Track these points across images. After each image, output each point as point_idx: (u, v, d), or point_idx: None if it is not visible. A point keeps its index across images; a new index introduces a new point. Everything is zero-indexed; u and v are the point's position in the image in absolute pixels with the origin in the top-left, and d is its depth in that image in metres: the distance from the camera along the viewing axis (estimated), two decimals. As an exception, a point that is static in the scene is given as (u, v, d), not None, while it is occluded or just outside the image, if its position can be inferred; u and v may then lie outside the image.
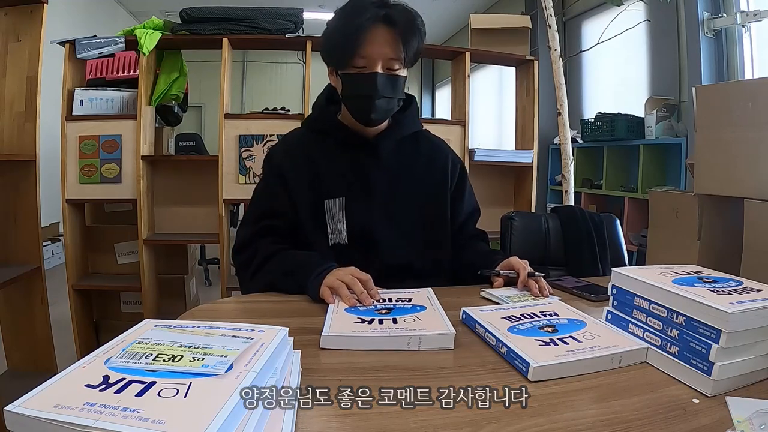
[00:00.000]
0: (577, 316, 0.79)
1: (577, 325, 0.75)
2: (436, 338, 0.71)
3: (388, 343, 0.70)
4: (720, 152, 1.96)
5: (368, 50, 1.00)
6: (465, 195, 1.22)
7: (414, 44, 1.03)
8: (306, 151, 1.11)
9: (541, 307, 0.84)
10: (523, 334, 0.71)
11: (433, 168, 1.18)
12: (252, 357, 0.49)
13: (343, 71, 1.04)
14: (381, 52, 1.00)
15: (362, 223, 1.08)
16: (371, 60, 1.01)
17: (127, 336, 0.54)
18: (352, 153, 1.11)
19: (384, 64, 1.02)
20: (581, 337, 0.70)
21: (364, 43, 1.00)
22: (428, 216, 1.14)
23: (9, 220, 1.81)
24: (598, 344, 0.67)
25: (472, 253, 1.17)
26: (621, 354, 0.66)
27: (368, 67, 1.01)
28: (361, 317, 0.78)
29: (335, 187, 1.08)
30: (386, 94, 1.03)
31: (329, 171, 1.09)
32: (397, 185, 1.12)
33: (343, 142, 1.11)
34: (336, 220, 1.08)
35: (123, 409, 0.40)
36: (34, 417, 0.39)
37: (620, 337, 0.70)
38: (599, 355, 0.65)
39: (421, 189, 1.15)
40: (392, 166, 1.13)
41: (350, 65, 1.02)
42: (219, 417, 0.39)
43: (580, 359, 0.64)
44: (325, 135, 1.13)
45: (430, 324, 0.75)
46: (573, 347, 0.67)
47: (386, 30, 1.00)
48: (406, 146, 1.16)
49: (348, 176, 1.10)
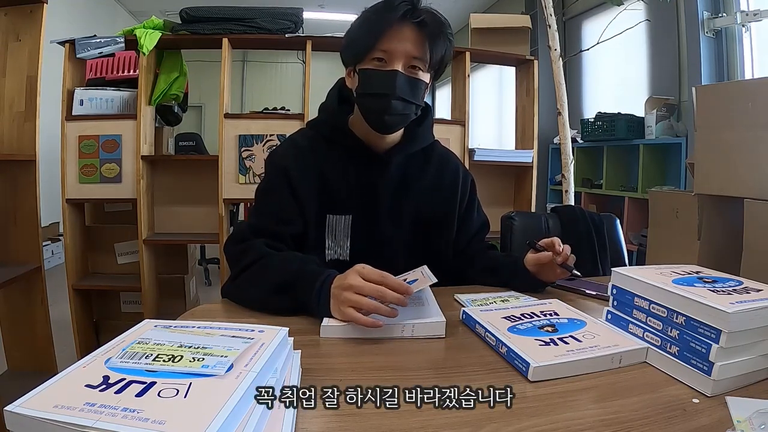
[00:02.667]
0: (577, 315, 0.79)
1: (577, 324, 0.75)
2: (429, 326, 0.73)
3: (382, 331, 0.73)
4: (720, 152, 1.95)
5: (391, 45, 0.94)
6: (474, 212, 1.19)
7: (440, 50, 0.97)
8: (313, 156, 1.04)
9: (541, 306, 0.83)
10: (523, 334, 0.71)
11: (442, 185, 1.13)
12: (252, 357, 0.49)
13: (361, 66, 0.97)
14: (404, 48, 0.94)
15: (368, 242, 1.03)
16: (392, 55, 0.94)
17: (127, 336, 0.54)
18: (361, 166, 1.04)
19: (406, 63, 0.95)
20: (581, 336, 0.70)
21: (388, 37, 0.94)
22: (432, 234, 1.11)
23: (9, 220, 1.81)
24: (598, 344, 0.67)
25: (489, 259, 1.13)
26: (621, 354, 0.66)
27: (388, 62, 0.95)
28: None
29: (342, 202, 1.02)
30: (404, 95, 0.96)
31: (336, 184, 1.02)
32: (405, 203, 1.07)
33: (351, 153, 1.04)
34: (339, 237, 1.02)
35: (123, 409, 0.40)
36: (34, 417, 0.39)
37: (620, 337, 0.70)
38: (599, 354, 0.65)
39: (428, 207, 1.10)
40: (400, 183, 1.07)
41: (369, 58, 0.95)
42: (219, 417, 0.39)
43: (580, 359, 0.64)
44: (332, 142, 1.05)
45: (423, 312, 0.78)
46: (573, 347, 0.67)
47: (413, 29, 0.95)
48: (415, 161, 1.10)
49: (356, 192, 1.03)
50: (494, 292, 1.00)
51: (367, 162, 1.04)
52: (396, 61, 0.94)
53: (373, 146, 1.04)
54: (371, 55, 0.95)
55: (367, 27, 0.97)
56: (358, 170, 1.04)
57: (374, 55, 0.95)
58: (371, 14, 0.97)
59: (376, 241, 1.04)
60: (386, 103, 0.95)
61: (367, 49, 0.95)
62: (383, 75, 0.95)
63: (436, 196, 1.11)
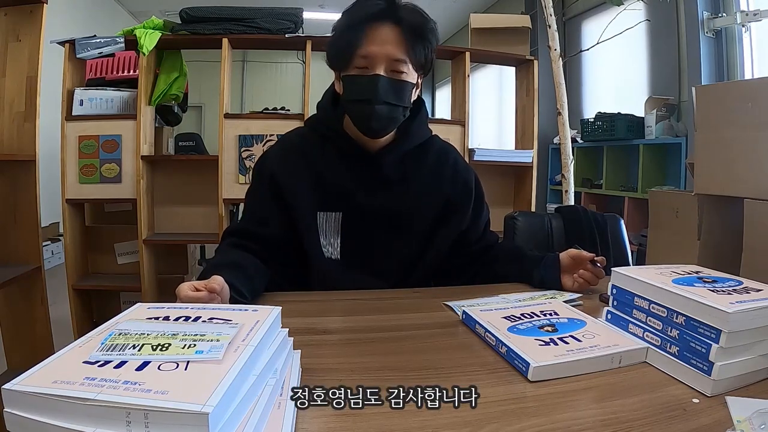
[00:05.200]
0: (577, 315, 0.79)
1: (578, 324, 0.74)
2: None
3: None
4: (720, 152, 1.95)
5: (370, 49, 0.92)
6: (484, 209, 1.16)
7: (423, 47, 0.95)
8: (305, 155, 1.04)
9: (541, 306, 0.83)
10: (523, 334, 0.70)
11: (442, 181, 1.09)
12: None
13: (345, 73, 0.96)
14: (384, 52, 0.92)
15: (357, 242, 1.02)
16: (373, 60, 0.92)
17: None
18: (353, 165, 1.03)
19: (388, 66, 0.93)
20: (581, 336, 0.70)
21: (366, 42, 0.92)
22: (432, 232, 1.08)
23: (9, 220, 1.81)
24: (598, 344, 0.67)
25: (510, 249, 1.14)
26: (621, 354, 0.65)
27: (370, 68, 0.93)
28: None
29: (332, 199, 1.02)
30: (388, 99, 0.94)
31: (328, 181, 1.02)
32: (398, 203, 1.05)
33: (345, 152, 1.03)
34: (329, 235, 1.02)
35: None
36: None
37: (620, 337, 0.70)
38: (599, 354, 0.65)
39: (424, 206, 1.07)
40: (395, 182, 1.05)
41: (352, 66, 0.94)
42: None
43: (579, 359, 0.64)
44: (327, 140, 1.05)
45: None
46: (573, 347, 0.66)
47: (391, 28, 0.93)
48: (411, 158, 1.07)
49: (347, 190, 1.02)
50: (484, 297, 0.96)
51: (360, 161, 1.03)
52: (378, 66, 0.93)
53: (367, 146, 1.03)
54: (353, 62, 0.94)
55: (346, 32, 0.95)
56: (351, 169, 1.03)
57: (355, 62, 0.94)
58: (347, 18, 0.96)
59: (366, 240, 1.03)
60: (371, 110, 0.94)
61: (348, 55, 0.94)
62: (365, 81, 0.94)
63: (436, 193, 1.08)
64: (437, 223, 1.09)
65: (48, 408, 0.38)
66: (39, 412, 0.38)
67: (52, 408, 0.38)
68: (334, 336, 0.74)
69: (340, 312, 0.92)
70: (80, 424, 0.37)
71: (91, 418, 0.37)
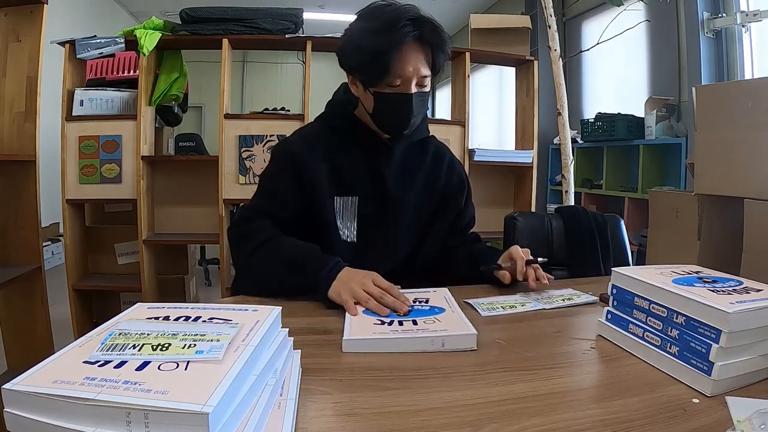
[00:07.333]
0: (445, 304, 0.84)
1: (435, 311, 0.81)
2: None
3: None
4: (720, 152, 1.95)
5: (404, 70, 0.98)
6: (470, 206, 1.26)
7: (443, 58, 1.03)
8: (323, 145, 1.10)
9: (427, 295, 0.89)
10: (367, 314, 0.80)
11: (438, 175, 1.19)
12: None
13: (376, 89, 1.01)
14: (416, 70, 0.99)
15: (373, 224, 1.09)
16: (406, 80, 0.99)
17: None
18: (368, 152, 1.11)
19: (417, 82, 1.01)
20: (423, 321, 0.76)
21: (400, 63, 0.97)
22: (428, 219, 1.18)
23: (9, 220, 1.81)
24: (429, 328, 0.73)
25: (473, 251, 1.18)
26: (443, 338, 0.70)
27: (402, 85, 1.00)
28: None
29: (349, 185, 1.08)
30: (419, 112, 1.04)
31: (345, 167, 1.09)
32: (406, 188, 1.14)
33: (358, 140, 1.11)
34: (345, 218, 1.08)
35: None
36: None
37: (460, 325, 0.74)
38: (420, 336, 0.70)
39: (427, 194, 1.17)
40: (402, 169, 1.14)
41: (383, 83, 1.00)
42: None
43: (396, 338, 0.70)
44: (341, 132, 1.12)
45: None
46: (405, 328, 0.73)
47: (418, 47, 0.99)
48: (413, 150, 1.17)
49: (363, 175, 1.10)
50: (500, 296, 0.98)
51: (373, 148, 1.11)
52: (410, 84, 1.00)
53: (378, 134, 1.10)
54: (385, 81, 0.99)
55: (377, 52, 0.97)
56: (365, 155, 1.11)
57: (388, 81, 0.99)
58: (376, 37, 0.96)
59: (381, 223, 1.10)
60: (405, 123, 1.04)
61: (380, 75, 0.99)
62: (401, 100, 1.01)
63: (432, 185, 1.18)
64: (437, 207, 1.19)
65: (48, 408, 0.38)
66: (39, 412, 0.38)
67: (52, 408, 0.38)
68: (334, 336, 0.74)
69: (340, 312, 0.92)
70: (80, 424, 0.37)
71: (91, 418, 0.37)
